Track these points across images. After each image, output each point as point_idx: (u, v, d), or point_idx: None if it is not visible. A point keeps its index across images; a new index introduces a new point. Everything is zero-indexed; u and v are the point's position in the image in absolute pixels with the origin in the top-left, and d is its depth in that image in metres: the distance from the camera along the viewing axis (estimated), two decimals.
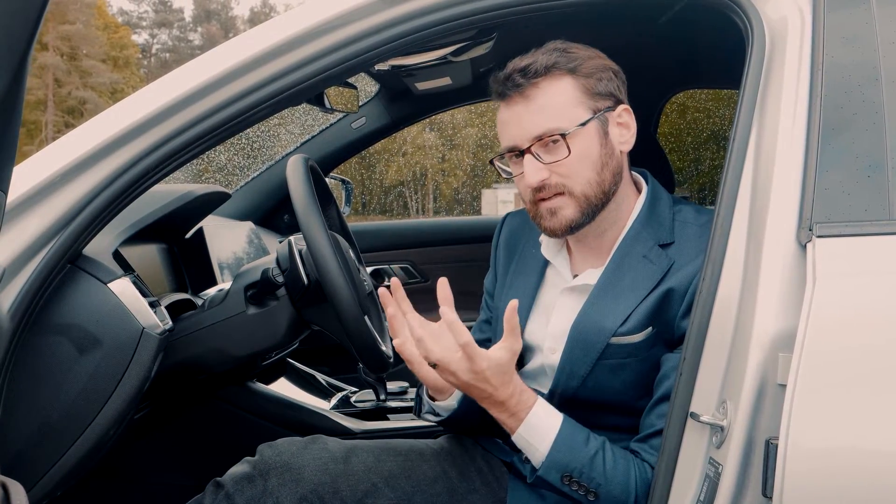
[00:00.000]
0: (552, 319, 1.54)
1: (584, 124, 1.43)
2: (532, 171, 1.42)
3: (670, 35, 1.50)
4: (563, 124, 1.41)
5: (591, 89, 1.45)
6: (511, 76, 1.43)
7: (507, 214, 1.75)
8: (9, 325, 1.19)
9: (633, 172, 1.56)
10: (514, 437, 1.38)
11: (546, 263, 1.59)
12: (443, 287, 1.37)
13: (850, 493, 1.06)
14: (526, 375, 1.61)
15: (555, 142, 1.42)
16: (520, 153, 1.45)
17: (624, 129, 1.49)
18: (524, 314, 1.58)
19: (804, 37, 1.25)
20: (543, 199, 1.45)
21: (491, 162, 1.53)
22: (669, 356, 1.40)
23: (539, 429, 1.36)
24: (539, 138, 1.42)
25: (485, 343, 1.65)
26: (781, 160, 1.20)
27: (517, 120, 1.44)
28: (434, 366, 1.33)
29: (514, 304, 1.31)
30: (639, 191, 1.54)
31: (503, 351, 1.31)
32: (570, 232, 1.46)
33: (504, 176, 1.50)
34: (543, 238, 1.59)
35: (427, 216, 20.60)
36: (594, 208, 1.45)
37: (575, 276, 1.55)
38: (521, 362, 1.61)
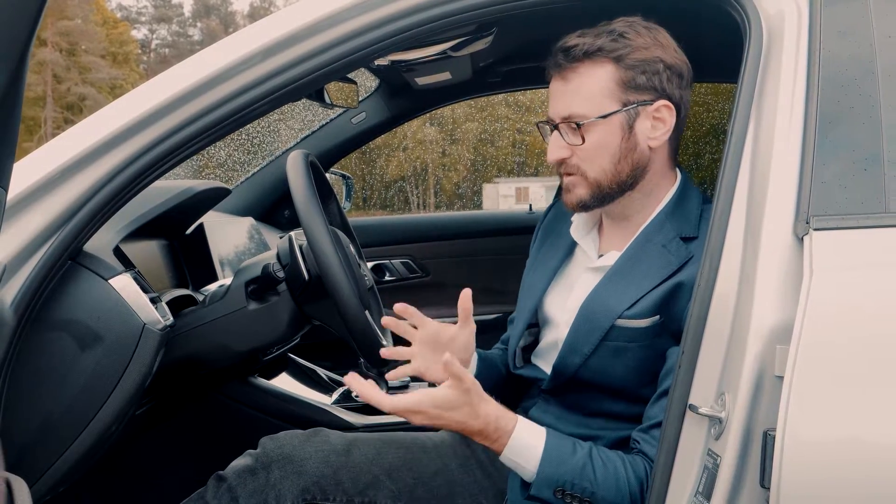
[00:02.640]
0: (573, 295, 1.55)
1: (606, 116, 1.43)
2: (553, 147, 1.48)
3: (668, 29, 1.49)
4: (587, 112, 1.43)
5: (628, 81, 1.43)
6: (556, 54, 1.46)
7: (556, 200, 1.77)
8: (10, 322, 1.20)
9: (677, 168, 1.56)
10: (501, 458, 1.37)
11: (575, 242, 1.60)
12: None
13: (847, 484, 1.06)
14: (539, 354, 1.63)
15: (575, 128, 1.44)
16: (554, 127, 1.48)
17: (659, 123, 1.46)
18: (544, 284, 1.60)
19: (801, 31, 1.25)
20: (564, 174, 1.50)
21: (538, 125, 1.57)
22: (675, 350, 1.40)
23: (524, 449, 1.35)
24: (566, 119, 1.45)
25: None
26: (778, 154, 1.20)
27: (554, 96, 1.48)
28: None
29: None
30: (673, 184, 1.54)
31: (447, 390, 1.30)
32: (581, 209, 1.52)
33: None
34: (575, 218, 1.61)
35: (429, 211, 20.58)
36: (605, 195, 1.48)
37: (601, 256, 1.56)
38: (536, 339, 1.63)
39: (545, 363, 1.60)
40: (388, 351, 1.53)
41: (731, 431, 1.13)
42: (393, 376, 1.50)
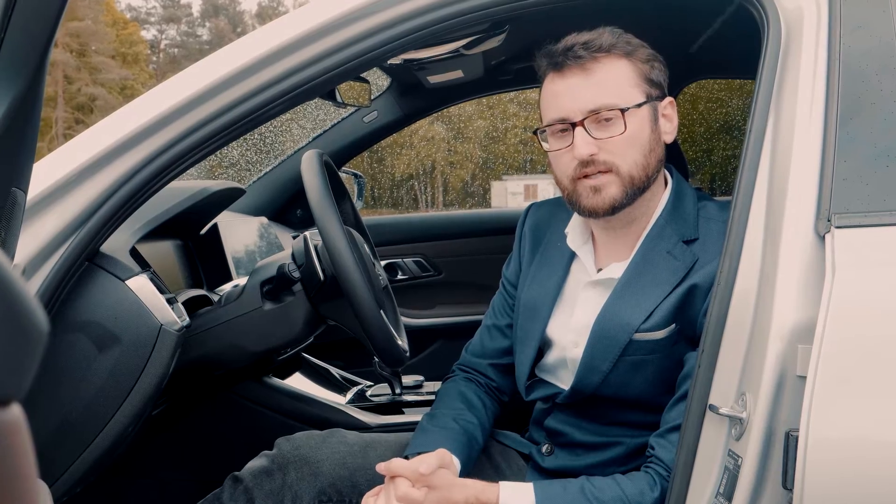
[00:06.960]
0: (575, 313, 1.53)
1: (639, 105, 1.42)
2: (583, 143, 1.40)
3: (684, 26, 1.49)
4: (621, 101, 1.41)
5: (646, 75, 1.44)
6: (572, 48, 1.41)
7: (532, 204, 1.74)
8: None
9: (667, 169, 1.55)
10: None
11: (571, 257, 1.57)
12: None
13: (871, 484, 1.05)
14: (545, 369, 1.61)
15: (607, 119, 1.40)
16: (565, 128, 1.43)
17: (667, 120, 1.48)
18: (548, 308, 1.57)
19: (820, 26, 1.24)
20: (587, 176, 1.43)
21: (535, 132, 1.51)
22: (692, 354, 1.39)
23: None
24: (594, 112, 1.40)
25: (505, 328, 1.66)
26: (798, 151, 1.19)
27: (572, 92, 1.42)
28: None
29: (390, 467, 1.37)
30: (666, 185, 1.53)
31: (412, 491, 1.34)
32: (611, 212, 1.44)
33: (545, 149, 1.48)
34: (569, 229, 1.58)
35: (437, 209, 20.59)
36: (636, 191, 1.44)
37: (599, 269, 1.54)
38: (540, 355, 1.61)
39: (555, 378, 1.59)
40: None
41: (753, 432, 1.12)
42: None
